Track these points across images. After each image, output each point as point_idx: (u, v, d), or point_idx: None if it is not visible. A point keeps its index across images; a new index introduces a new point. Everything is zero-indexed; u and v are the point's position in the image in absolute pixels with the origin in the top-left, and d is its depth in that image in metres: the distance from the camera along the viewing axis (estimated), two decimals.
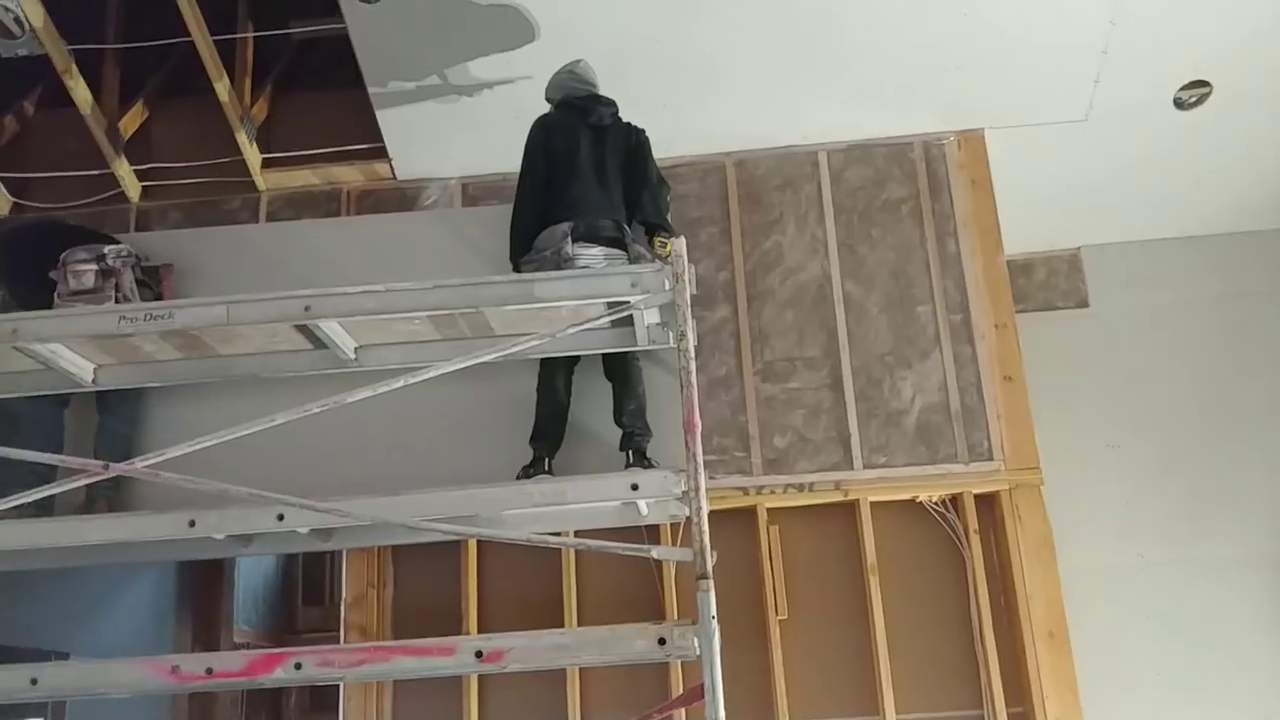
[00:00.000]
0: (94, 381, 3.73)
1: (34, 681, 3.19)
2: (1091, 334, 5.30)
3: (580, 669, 4.06)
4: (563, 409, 3.80)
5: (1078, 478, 4.81)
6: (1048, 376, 4.74)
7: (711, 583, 2.77)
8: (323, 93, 5.01)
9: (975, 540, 4.15)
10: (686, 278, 3.10)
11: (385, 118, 4.47)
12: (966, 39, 4.23)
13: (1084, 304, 5.38)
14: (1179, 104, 4.54)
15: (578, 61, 3.98)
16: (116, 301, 3.77)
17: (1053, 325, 5.28)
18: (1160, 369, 5.21)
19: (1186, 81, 4.46)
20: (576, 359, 3.85)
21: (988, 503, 4.22)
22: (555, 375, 3.80)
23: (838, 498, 4.19)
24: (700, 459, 2.92)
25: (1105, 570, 4.85)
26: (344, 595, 4.27)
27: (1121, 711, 4.50)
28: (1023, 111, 4.52)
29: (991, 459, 4.19)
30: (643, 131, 3.96)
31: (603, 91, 3.96)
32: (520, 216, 3.83)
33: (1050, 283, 5.44)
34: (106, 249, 3.87)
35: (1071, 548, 4.32)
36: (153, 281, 4.04)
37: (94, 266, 3.84)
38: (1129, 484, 5.05)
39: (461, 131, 4.51)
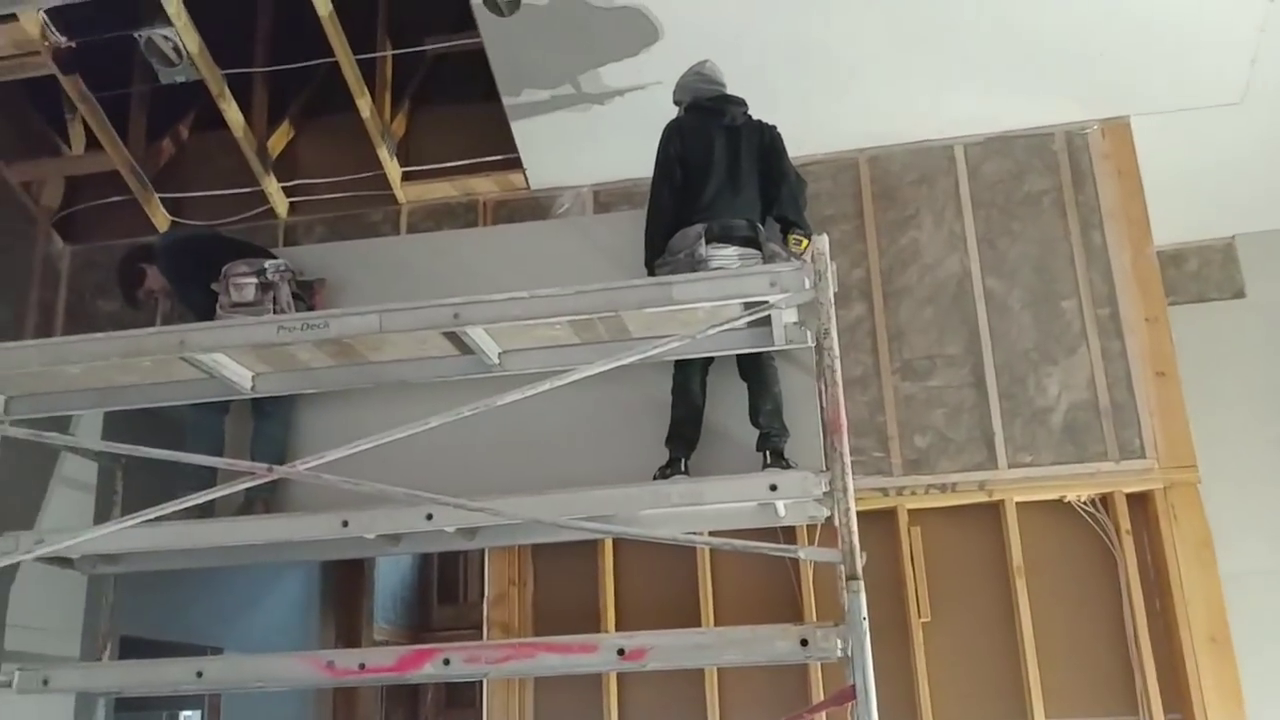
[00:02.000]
0: (252, 389, 3.90)
1: (199, 675, 3.37)
2: (1249, 325, 5.08)
3: (719, 669, 4.07)
4: (698, 410, 3.81)
5: (1237, 476, 4.60)
6: (1203, 371, 4.56)
7: (862, 584, 2.74)
8: (458, 106, 5.14)
9: (1128, 541, 4.01)
10: (829, 275, 3.07)
11: (519, 129, 4.56)
12: (1109, 23, 4.07)
13: (1240, 294, 5.15)
14: None
15: (704, 62, 3.98)
16: (274, 313, 3.94)
17: (1207, 317, 5.07)
18: None
19: None
20: (712, 360, 3.85)
21: (1140, 502, 4.07)
22: (691, 377, 3.81)
23: (982, 498, 4.10)
24: (847, 458, 2.89)
25: (1269, 574, 4.62)
26: (486, 593, 4.38)
27: None
28: (1171, 96, 4.34)
29: (1144, 457, 4.03)
30: (774, 128, 3.93)
31: (731, 91, 3.96)
32: (655, 220, 3.86)
33: (1203, 273, 5.22)
34: (267, 264, 4.05)
35: (1231, 550, 4.14)
36: (306, 295, 4.21)
37: (254, 280, 4.02)
38: None
39: (592, 139, 4.57)
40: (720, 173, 3.79)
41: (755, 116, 3.93)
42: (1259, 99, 4.31)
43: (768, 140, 3.89)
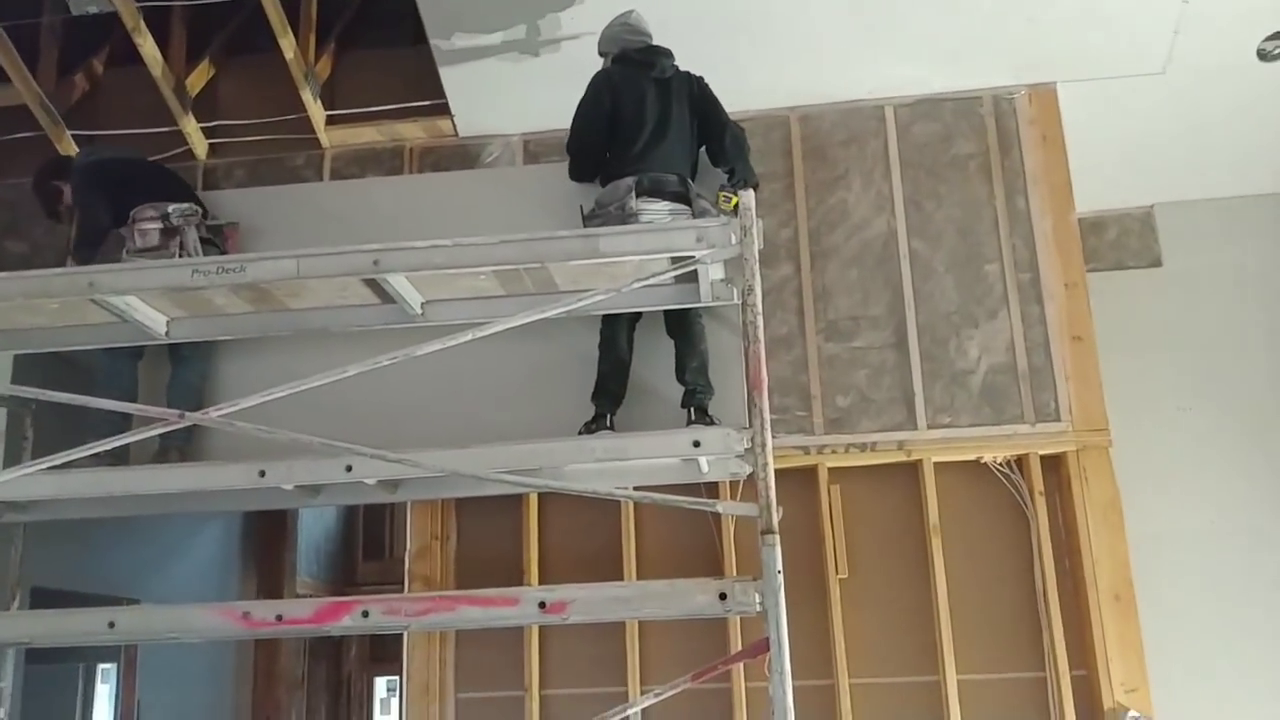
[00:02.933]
0: (167, 334, 3.80)
1: (111, 625, 3.29)
2: (1164, 294, 5.18)
3: (639, 622, 4.10)
4: (625, 365, 3.80)
5: (1148, 441, 4.72)
6: (1118, 337, 4.65)
7: (777, 538, 2.77)
8: (385, 50, 5.02)
9: (1040, 502, 4.11)
10: (755, 231, 3.07)
11: (448, 74, 4.47)
12: None
13: (1157, 263, 5.25)
14: (1262, 55, 4.39)
15: (630, 12, 3.93)
16: (181, 259, 3.83)
17: (1124, 285, 5.16)
18: (1235, 331, 5.08)
19: (1271, 32, 4.31)
20: (639, 316, 3.84)
21: (1054, 464, 4.17)
22: (618, 332, 3.80)
23: (900, 458, 4.16)
24: (766, 414, 2.90)
25: (1174, 536, 4.77)
26: (408, 547, 4.34)
27: (1188, 679, 4.43)
28: (1097, 64, 4.40)
29: (1059, 420, 4.13)
30: (702, 79, 3.92)
31: (661, 44, 3.92)
32: (582, 150, 3.88)
33: (1122, 241, 5.31)
34: (171, 208, 3.90)
35: (1140, 512, 4.26)
36: (218, 239, 4.09)
37: (158, 225, 3.89)
38: (1201, 448, 4.95)
39: (523, 87, 4.50)
40: (651, 126, 3.77)
41: (683, 68, 3.90)
42: (1180, 69, 4.39)
43: (698, 92, 3.87)
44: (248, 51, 5.09)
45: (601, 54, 3.97)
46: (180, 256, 3.85)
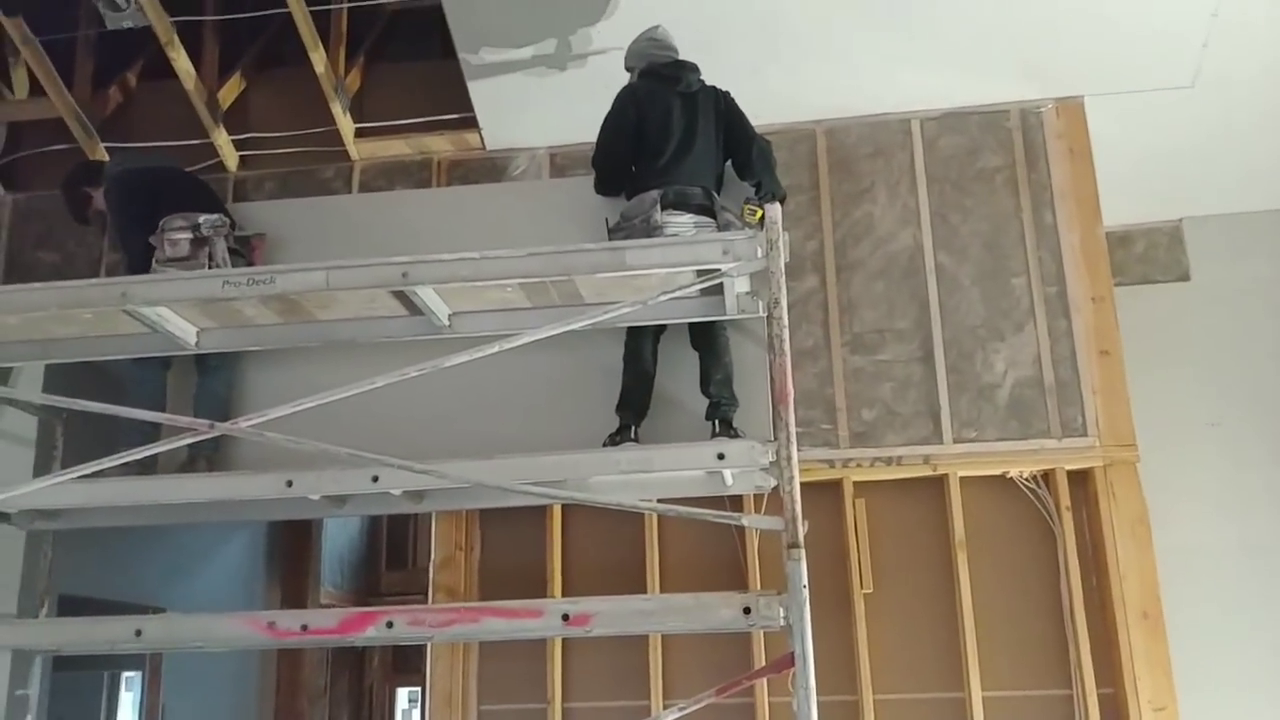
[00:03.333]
0: (197, 345, 3.83)
1: (138, 633, 3.31)
2: (1192, 308, 5.14)
3: (662, 635, 4.10)
4: (649, 377, 3.80)
5: (1176, 456, 4.68)
6: (1146, 352, 4.62)
7: (803, 551, 2.76)
8: (414, 63, 5.07)
9: (1067, 517, 4.08)
10: (781, 244, 3.07)
11: (476, 88, 4.50)
12: (1068, 3, 4.10)
13: (1185, 277, 5.22)
14: None
15: (656, 27, 3.95)
16: (209, 269, 3.86)
17: (1152, 299, 5.13)
18: (1264, 345, 5.04)
19: None
20: (664, 328, 3.85)
21: (1081, 479, 4.14)
22: (643, 344, 3.80)
23: (926, 472, 4.14)
24: (792, 427, 2.90)
25: (1203, 552, 4.72)
26: (432, 557, 4.36)
27: (1216, 696, 4.37)
28: (1125, 78, 4.38)
29: (1086, 435, 4.10)
30: (728, 93, 3.93)
31: (687, 58, 3.93)
32: (608, 164, 3.91)
33: (1150, 255, 5.28)
34: (201, 218, 3.94)
35: (1168, 528, 4.24)
36: (245, 250, 4.12)
37: (188, 235, 3.92)
38: (1229, 463, 4.91)
39: (550, 101, 4.53)
40: (677, 139, 3.78)
41: (711, 84, 3.92)
42: (1209, 84, 4.36)
43: (724, 106, 3.88)
44: (278, 65, 5.15)
45: (628, 69, 3.98)
46: (209, 267, 3.89)
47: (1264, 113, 4.53)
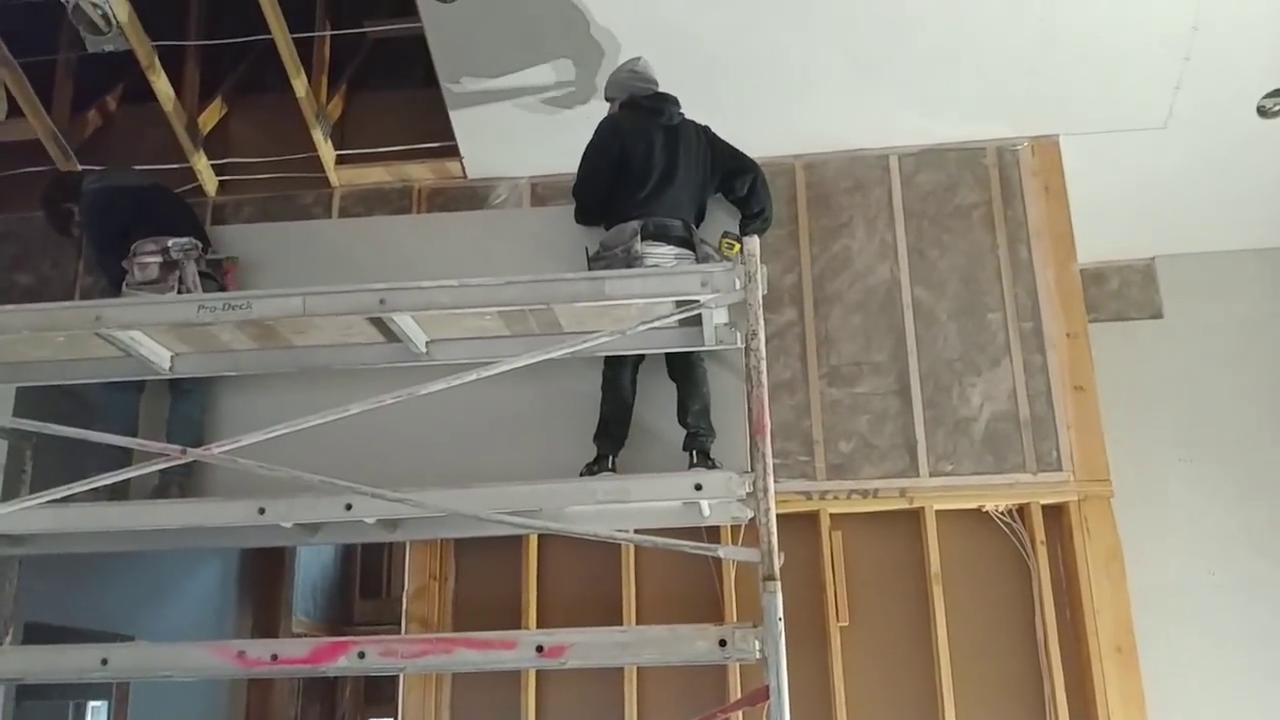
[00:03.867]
0: (171, 369, 3.80)
1: (104, 662, 3.25)
2: (1165, 346, 5.20)
3: (638, 668, 4.07)
4: (627, 408, 3.81)
5: (1149, 492, 4.72)
6: (1119, 388, 4.66)
7: (779, 584, 2.76)
8: (396, 91, 5.08)
9: (1042, 551, 4.09)
10: (759, 276, 3.09)
11: (458, 117, 4.51)
12: (1044, 44, 4.16)
13: (1158, 315, 5.28)
14: (1262, 112, 4.43)
15: (638, 59, 3.99)
16: (180, 292, 3.83)
17: (1125, 336, 5.18)
18: (1236, 383, 5.10)
19: (1271, 89, 4.36)
20: (642, 358, 3.86)
21: (1055, 514, 4.15)
22: (620, 374, 3.81)
23: (902, 505, 4.15)
24: (769, 459, 2.90)
25: (1175, 587, 4.75)
26: (406, 587, 4.31)
27: None
28: (1099, 118, 4.45)
29: (1060, 469, 4.12)
30: (708, 127, 3.99)
31: (671, 90, 3.97)
32: (589, 192, 3.94)
33: (1123, 293, 5.34)
34: (170, 241, 3.91)
35: (1141, 563, 4.24)
36: (217, 274, 4.09)
37: (158, 259, 3.90)
38: (1201, 500, 4.95)
39: (532, 131, 4.54)
40: (659, 172, 3.81)
41: (690, 117, 3.95)
42: (1181, 124, 4.43)
43: (707, 139, 3.94)
44: (259, 91, 5.15)
45: (608, 99, 4.02)
46: (179, 290, 3.85)
47: (1235, 154, 4.60)
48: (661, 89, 3.95)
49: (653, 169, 3.79)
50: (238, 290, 3.99)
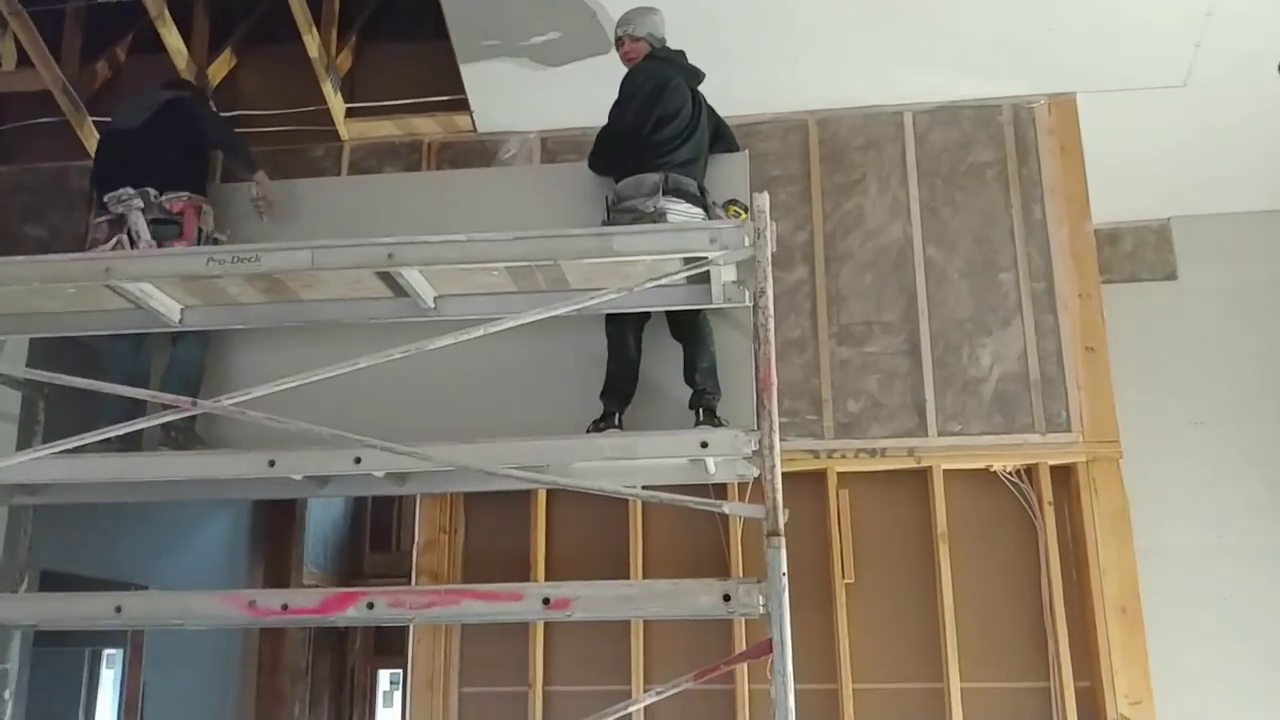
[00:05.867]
0: (180, 322, 3.81)
1: (118, 609, 3.29)
2: (1179, 307, 5.16)
3: (644, 621, 4.10)
4: (634, 365, 3.80)
5: (1158, 454, 4.69)
6: (1131, 350, 4.64)
7: (783, 539, 2.77)
8: (406, 44, 5.04)
9: (1049, 512, 4.09)
10: (768, 233, 3.07)
11: (468, 71, 4.48)
12: (1059, 1, 4.09)
13: (1172, 276, 5.24)
14: None
15: (656, 11, 3.91)
16: (128, 245, 3.79)
17: (1139, 297, 5.15)
18: (1250, 346, 5.07)
19: None
20: (648, 316, 3.85)
21: (1063, 475, 4.15)
22: (627, 331, 3.80)
23: (910, 464, 4.15)
24: (775, 415, 2.91)
25: (1182, 550, 4.76)
26: (416, 540, 4.35)
27: (1192, 693, 4.40)
28: (1117, 75, 4.38)
29: (1069, 430, 4.11)
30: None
31: (681, 45, 3.91)
32: (613, 141, 3.84)
33: (1138, 254, 5.30)
34: (107, 197, 3.87)
35: (1148, 525, 4.25)
36: (177, 219, 3.92)
37: (106, 217, 3.89)
38: (1211, 464, 4.94)
39: (542, 86, 4.50)
40: (686, 129, 3.78)
41: (706, 73, 3.91)
42: (1201, 83, 4.36)
43: (709, 105, 3.90)
44: (269, 43, 5.12)
45: (635, 37, 3.86)
46: (131, 245, 3.79)
47: (1255, 114, 4.54)
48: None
49: (682, 125, 3.76)
50: (200, 235, 3.96)
